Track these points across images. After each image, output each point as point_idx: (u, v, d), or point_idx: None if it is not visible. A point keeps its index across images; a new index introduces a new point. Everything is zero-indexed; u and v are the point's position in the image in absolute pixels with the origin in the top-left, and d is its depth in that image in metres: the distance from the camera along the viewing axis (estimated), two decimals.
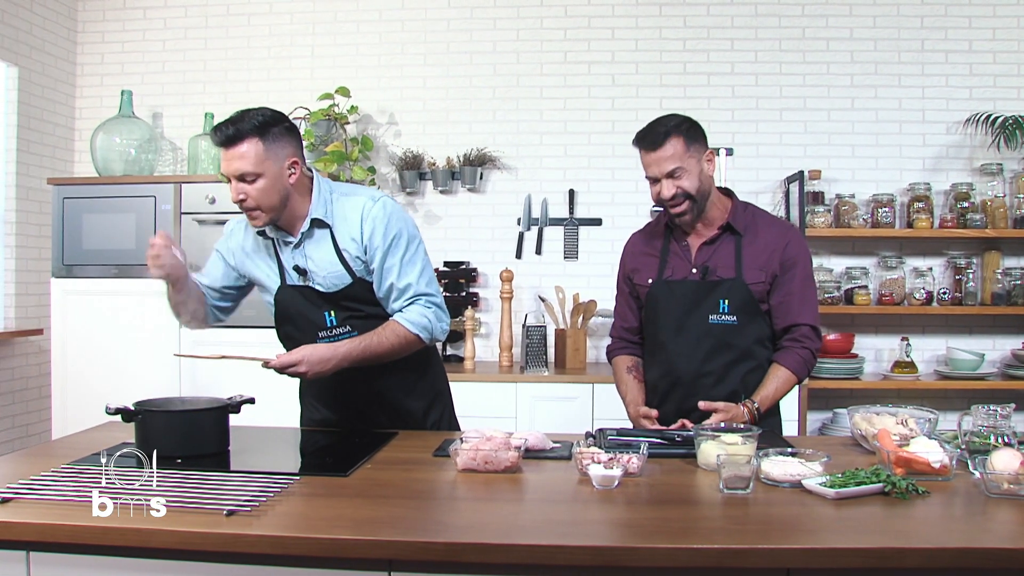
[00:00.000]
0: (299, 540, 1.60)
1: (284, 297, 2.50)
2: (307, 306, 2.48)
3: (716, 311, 2.55)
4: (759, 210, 2.68)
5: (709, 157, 2.53)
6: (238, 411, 2.36)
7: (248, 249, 2.55)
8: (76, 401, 4.23)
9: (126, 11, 4.91)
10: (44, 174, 4.59)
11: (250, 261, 2.56)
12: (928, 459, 1.98)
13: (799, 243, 2.59)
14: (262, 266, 2.54)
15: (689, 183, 2.48)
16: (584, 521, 1.72)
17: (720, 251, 2.58)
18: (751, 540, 1.56)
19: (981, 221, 4.28)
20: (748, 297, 2.54)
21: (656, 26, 4.65)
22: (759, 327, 2.58)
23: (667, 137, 2.47)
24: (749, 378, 2.55)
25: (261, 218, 2.40)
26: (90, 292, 4.28)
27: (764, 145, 4.59)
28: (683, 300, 2.58)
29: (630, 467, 2.01)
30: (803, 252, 2.58)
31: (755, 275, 2.55)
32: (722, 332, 2.55)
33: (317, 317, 2.47)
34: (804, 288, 2.56)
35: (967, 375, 4.30)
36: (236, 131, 2.30)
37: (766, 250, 2.55)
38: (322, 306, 2.47)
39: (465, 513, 1.79)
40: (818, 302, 2.65)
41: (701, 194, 2.51)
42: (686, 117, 2.54)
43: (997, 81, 4.49)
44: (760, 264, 2.55)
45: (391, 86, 4.76)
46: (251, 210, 2.38)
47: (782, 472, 1.94)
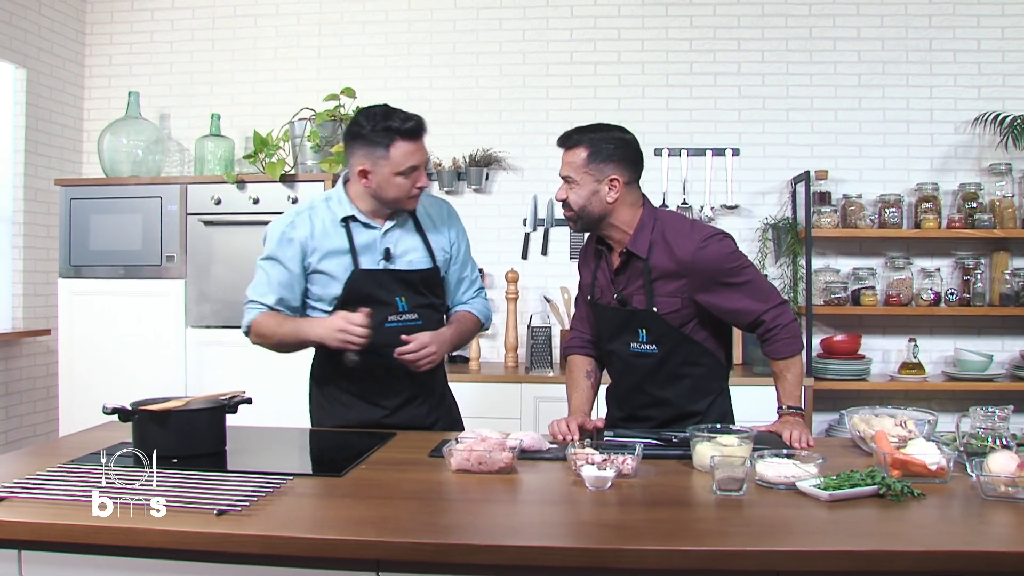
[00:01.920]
0: (287, 540, 1.60)
1: (357, 279, 2.54)
2: (380, 290, 2.55)
3: (636, 340, 2.49)
4: (671, 223, 2.48)
5: (613, 184, 2.40)
6: (235, 411, 2.37)
7: (318, 235, 2.56)
8: (83, 401, 4.25)
9: (134, 13, 4.94)
10: (52, 175, 4.61)
11: (322, 248, 2.56)
12: (925, 461, 1.97)
13: (710, 253, 2.40)
14: (334, 251, 2.56)
15: (575, 197, 2.43)
16: (575, 522, 1.71)
17: (632, 279, 2.49)
18: (741, 542, 1.55)
19: (989, 221, 4.24)
20: (665, 327, 2.45)
21: (662, 26, 4.64)
22: (685, 351, 2.49)
23: (574, 144, 2.44)
24: (687, 397, 2.51)
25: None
26: (97, 292, 4.31)
27: (771, 145, 4.57)
28: (609, 325, 2.56)
29: (624, 468, 2.00)
30: (720, 259, 2.41)
31: (668, 303, 2.44)
32: (645, 360, 2.50)
33: (390, 301, 2.55)
34: (737, 283, 2.43)
35: (975, 376, 4.27)
36: (421, 123, 2.52)
37: (677, 274, 2.42)
38: (396, 291, 2.56)
39: (455, 514, 1.79)
40: (761, 278, 2.52)
41: (584, 213, 2.44)
42: (618, 136, 2.45)
43: (1006, 80, 4.46)
44: (672, 290, 2.43)
45: (397, 87, 4.76)
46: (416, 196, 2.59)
47: (776, 474, 1.93)
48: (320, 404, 2.72)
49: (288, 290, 2.57)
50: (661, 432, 2.36)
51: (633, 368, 2.52)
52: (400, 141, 2.45)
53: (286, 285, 2.56)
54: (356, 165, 2.51)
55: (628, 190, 2.44)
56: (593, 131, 2.45)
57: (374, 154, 2.47)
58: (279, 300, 2.56)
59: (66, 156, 4.82)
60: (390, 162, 2.46)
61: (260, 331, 2.57)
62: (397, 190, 2.50)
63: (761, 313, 2.45)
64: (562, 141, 2.48)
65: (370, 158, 2.47)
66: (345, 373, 2.55)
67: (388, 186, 2.49)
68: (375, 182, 2.49)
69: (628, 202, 2.45)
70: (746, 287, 2.44)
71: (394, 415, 2.62)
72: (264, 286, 2.57)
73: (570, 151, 2.45)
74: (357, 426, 2.61)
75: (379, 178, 2.48)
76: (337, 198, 2.59)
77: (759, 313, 2.45)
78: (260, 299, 2.56)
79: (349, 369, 2.50)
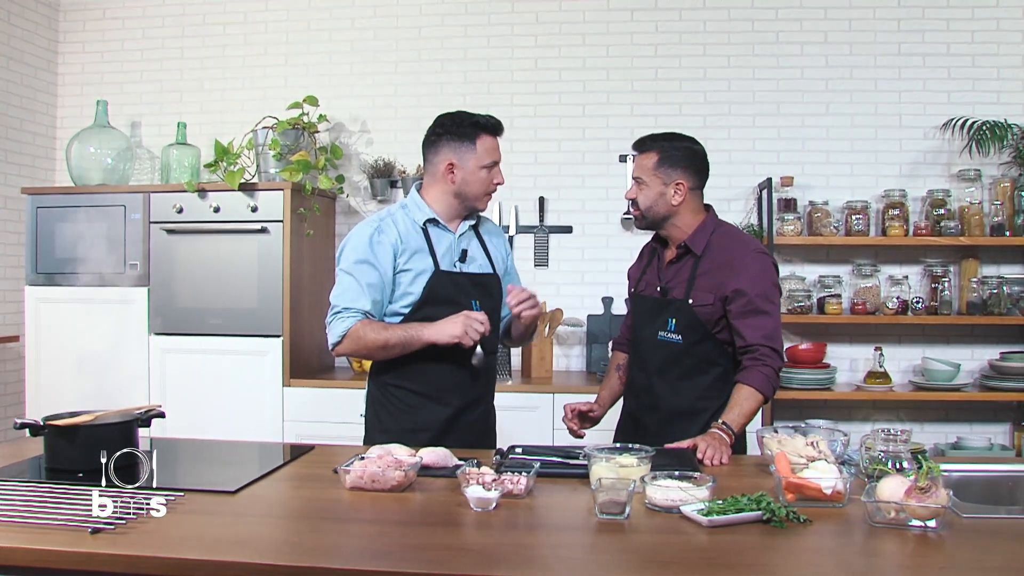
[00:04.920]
0: (148, 560, 1.59)
1: (438, 281, 2.65)
2: (458, 292, 2.67)
3: (665, 328, 2.65)
4: (732, 232, 2.72)
5: (679, 188, 2.60)
6: (148, 424, 2.38)
7: (404, 237, 2.65)
8: (49, 406, 4.18)
9: (105, 21, 4.97)
10: (23, 183, 4.65)
11: (409, 248, 2.64)
12: (820, 485, 1.94)
13: (756, 265, 2.60)
14: (419, 251, 2.65)
15: (643, 197, 2.64)
16: (436, 546, 1.68)
17: (680, 272, 2.67)
18: (585, 571, 1.53)
19: (956, 228, 4.18)
20: (694, 319, 2.61)
21: (627, 31, 4.60)
22: (707, 348, 2.63)
23: (647, 148, 2.66)
24: (699, 394, 2.64)
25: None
26: (62, 300, 4.33)
27: (737, 151, 4.52)
28: (644, 314, 2.75)
29: (516, 488, 1.98)
30: (759, 274, 2.59)
31: (703, 296, 2.60)
32: (668, 349, 2.65)
33: (465, 303, 2.65)
34: (760, 309, 2.56)
35: (942, 386, 4.20)
36: (500, 122, 2.71)
37: (720, 272, 2.59)
38: (470, 293, 2.68)
39: (321, 534, 1.77)
40: (779, 323, 2.62)
41: (650, 212, 2.65)
42: (688, 145, 2.67)
43: (976, 85, 4.39)
44: (711, 286, 2.59)
45: (363, 94, 4.77)
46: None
47: (664, 497, 1.90)
48: (383, 405, 2.73)
49: (379, 292, 2.62)
50: (572, 450, 2.34)
51: (655, 353, 2.66)
52: (485, 136, 2.64)
53: (377, 287, 2.61)
54: (442, 161, 2.64)
55: (692, 196, 2.64)
56: (666, 139, 2.66)
57: (461, 148, 2.63)
58: (373, 303, 2.60)
59: (38, 164, 4.85)
60: (476, 155, 2.63)
61: (360, 337, 2.57)
62: (479, 185, 2.65)
63: (759, 343, 2.54)
64: (637, 146, 2.70)
65: (457, 152, 2.63)
66: (413, 376, 2.66)
67: (473, 179, 2.64)
68: (460, 176, 2.63)
69: (691, 207, 2.65)
70: (763, 315, 2.56)
71: (459, 418, 2.70)
72: (355, 291, 2.60)
73: (643, 155, 2.66)
74: (421, 429, 2.63)
75: (465, 172, 2.63)
76: (414, 204, 2.70)
77: (758, 342, 2.54)
78: (353, 305, 2.59)
79: (418, 370, 2.64)
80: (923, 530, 1.74)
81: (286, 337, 4.18)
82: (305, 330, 4.34)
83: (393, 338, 2.56)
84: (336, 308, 2.61)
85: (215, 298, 4.23)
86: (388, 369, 2.69)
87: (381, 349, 2.59)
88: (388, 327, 2.59)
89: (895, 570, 1.58)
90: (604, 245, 4.64)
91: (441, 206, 2.69)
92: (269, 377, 4.18)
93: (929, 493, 1.75)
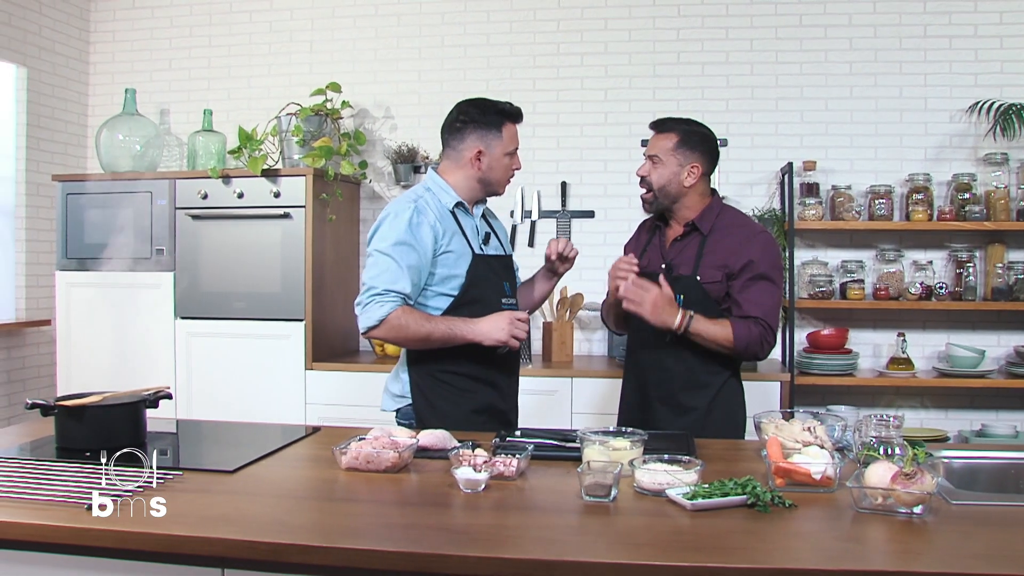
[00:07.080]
0: (138, 535, 1.64)
1: (478, 264, 2.69)
2: (493, 275, 2.73)
3: None
4: (737, 214, 2.83)
5: (693, 170, 2.68)
6: (156, 406, 2.44)
7: (440, 218, 2.64)
8: (80, 388, 4.35)
9: (135, 10, 5.06)
10: (55, 170, 4.75)
11: (448, 231, 2.65)
12: (809, 470, 1.94)
13: (763, 246, 2.68)
14: (455, 233, 2.67)
15: (657, 176, 2.70)
16: (419, 526, 1.72)
17: (686, 249, 2.73)
18: (569, 552, 1.55)
19: (981, 213, 4.10)
20: (702, 295, 2.67)
21: (649, 15, 4.57)
22: None
23: (668, 128, 2.72)
24: (707, 368, 2.69)
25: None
26: (92, 284, 4.43)
27: (759, 135, 4.48)
28: None
29: (507, 470, 2.01)
30: (764, 255, 2.66)
31: (711, 273, 2.67)
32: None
33: (499, 285, 2.74)
34: (766, 275, 2.65)
35: (967, 372, 4.14)
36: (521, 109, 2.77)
37: (727, 250, 2.66)
38: (503, 275, 2.77)
39: (309, 513, 1.82)
40: (779, 303, 2.72)
41: (662, 192, 2.71)
42: (704, 131, 2.74)
43: (1004, 67, 4.29)
44: (717, 263, 2.66)
45: (387, 80, 4.80)
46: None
47: (651, 481, 1.91)
48: (436, 392, 2.68)
49: (418, 275, 2.58)
50: (570, 433, 2.36)
51: (662, 331, 2.64)
52: (509, 123, 2.71)
53: (416, 269, 2.57)
54: (469, 148, 2.67)
55: (702, 180, 2.72)
56: (685, 123, 2.74)
57: (488, 136, 2.67)
58: (413, 286, 2.57)
59: (70, 152, 4.97)
60: (502, 142, 2.68)
61: (402, 326, 2.53)
62: (503, 171, 2.72)
63: (754, 315, 2.62)
64: (656, 126, 2.76)
65: (484, 140, 2.67)
66: (459, 362, 2.65)
67: (498, 166, 2.70)
68: (487, 163, 2.68)
69: (700, 191, 2.73)
70: (767, 283, 2.64)
71: (506, 398, 2.78)
72: (395, 273, 2.54)
73: (662, 135, 2.72)
74: (472, 411, 2.66)
75: (491, 159, 2.68)
76: (439, 187, 2.71)
77: (753, 314, 2.62)
78: (393, 287, 2.53)
79: (462, 355, 2.63)
80: (909, 516, 1.74)
81: (308, 321, 4.24)
82: (327, 314, 4.40)
83: (436, 332, 2.55)
84: (375, 290, 2.54)
85: (239, 282, 4.31)
86: (434, 358, 2.65)
87: (422, 341, 2.57)
88: (431, 319, 2.57)
89: (871, 555, 1.58)
90: (627, 230, 4.50)
91: (464, 191, 2.71)
92: (292, 361, 4.25)
93: (915, 479, 1.74)
